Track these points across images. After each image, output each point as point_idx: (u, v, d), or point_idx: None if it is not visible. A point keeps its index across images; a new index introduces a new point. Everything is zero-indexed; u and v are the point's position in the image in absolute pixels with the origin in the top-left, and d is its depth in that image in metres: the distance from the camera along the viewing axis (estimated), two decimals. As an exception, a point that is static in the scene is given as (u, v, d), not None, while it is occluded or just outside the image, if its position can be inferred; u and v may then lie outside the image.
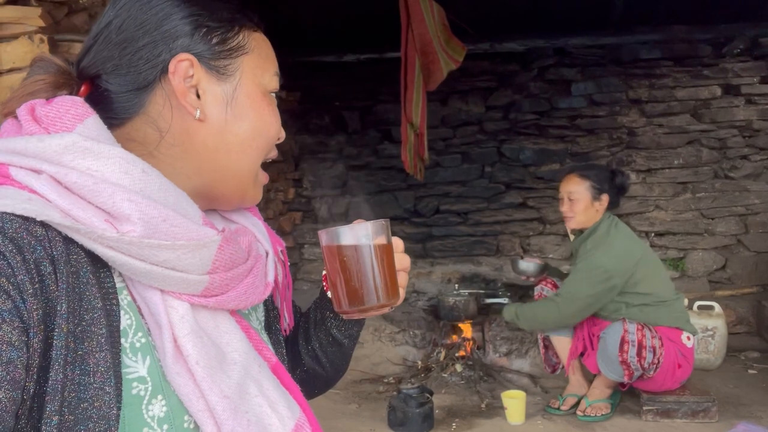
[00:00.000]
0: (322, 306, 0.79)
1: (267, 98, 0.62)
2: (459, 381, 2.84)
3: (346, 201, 3.92)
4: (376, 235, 0.66)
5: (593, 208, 2.41)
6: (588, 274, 2.37)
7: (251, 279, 0.60)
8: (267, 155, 0.64)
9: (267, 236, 0.70)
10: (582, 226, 2.45)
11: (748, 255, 3.67)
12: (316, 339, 0.80)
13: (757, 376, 2.80)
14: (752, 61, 3.60)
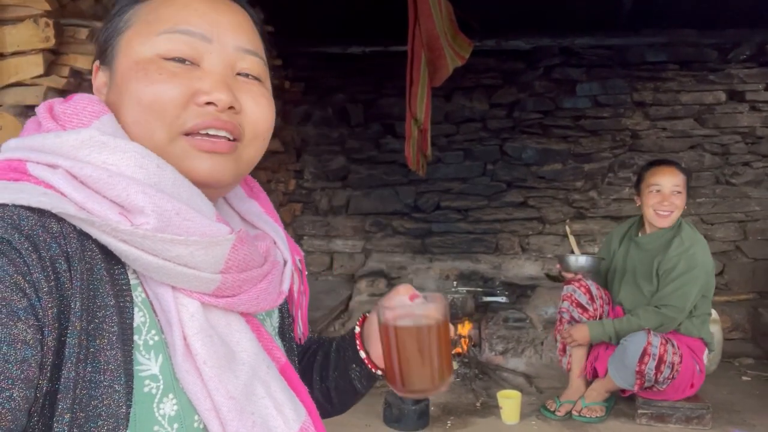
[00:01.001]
0: (348, 357, 0.78)
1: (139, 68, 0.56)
2: (455, 379, 2.84)
3: (346, 194, 3.92)
4: (437, 317, 0.65)
5: (683, 204, 2.36)
6: (694, 275, 2.28)
7: (265, 284, 0.60)
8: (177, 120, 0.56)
9: (287, 244, 0.69)
10: (673, 223, 2.37)
11: (746, 261, 3.68)
12: (333, 381, 0.79)
13: (751, 382, 2.82)
14: (758, 68, 3.60)
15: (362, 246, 3.91)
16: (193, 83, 0.57)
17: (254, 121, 0.61)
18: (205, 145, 0.57)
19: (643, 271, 2.38)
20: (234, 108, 0.58)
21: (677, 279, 2.27)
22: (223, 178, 0.59)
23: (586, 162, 3.70)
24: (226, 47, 0.59)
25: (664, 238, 2.37)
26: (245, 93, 0.61)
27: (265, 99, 0.63)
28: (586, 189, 3.69)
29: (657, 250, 2.37)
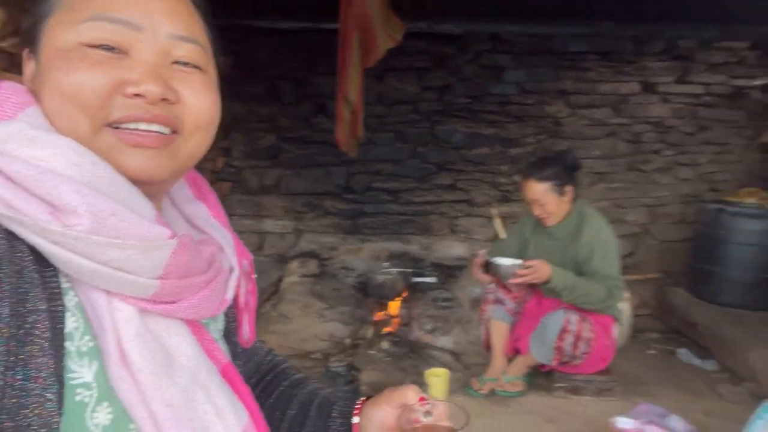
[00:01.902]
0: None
1: (61, 56, 0.52)
2: (385, 357, 2.90)
3: (277, 173, 3.84)
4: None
5: (563, 201, 2.47)
6: (608, 250, 2.42)
7: (207, 292, 0.57)
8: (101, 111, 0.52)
9: (234, 250, 0.67)
10: (558, 219, 2.50)
11: (654, 243, 3.97)
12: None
13: (656, 356, 3.08)
14: (669, 62, 3.84)
15: (293, 226, 3.86)
16: (120, 73, 0.53)
17: (194, 112, 0.58)
18: (133, 138, 0.53)
19: (556, 260, 2.50)
20: (168, 99, 0.55)
21: (603, 259, 2.40)
22: (156, 174, 0.56)
23: (512, 147, 3.83)
24: (159, 35, 0.55)
25: (573, 227, 2.50)
26: (183, 82, 0.57)
27: (206, 88, 0.59)
28: (511, 173, 3.83)
29: (568, 239, 2.51)
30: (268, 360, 0.89)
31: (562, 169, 2.45)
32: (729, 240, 3.24)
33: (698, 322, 3.18)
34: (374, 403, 0.78)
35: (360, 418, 0.78)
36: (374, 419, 0.76)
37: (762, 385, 2.54)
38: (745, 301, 3.20)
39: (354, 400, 0.80)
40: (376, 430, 0.76)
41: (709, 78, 3.84)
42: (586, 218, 2.48)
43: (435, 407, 0.72)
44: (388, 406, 0.75)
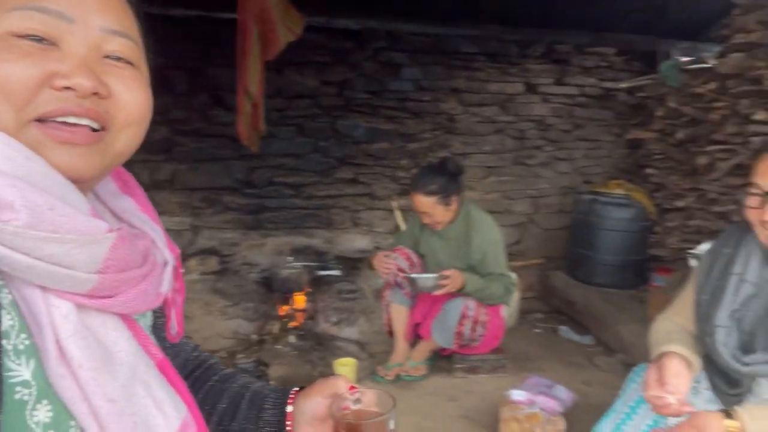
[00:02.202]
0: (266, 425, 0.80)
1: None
2: (292, 351, 2.91)
3: (171, 168, 3.67)
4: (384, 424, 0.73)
5: (449, 210, 2.59)
6: (499, 250, 2.60)
7: (144, 286, 0.58)
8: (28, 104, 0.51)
9: (166, 244, 0.67)
10: (447, 224, 2.62)
11: (537, 231, 4.33)
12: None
13: (541, 334, 3.37)
14: (549, 64, 4.18)
15: (190, 223, 3.72)
16: (49, 64, 0.52)
17: (125, 108, 0.58)
18: (62, 135, 0.52)
19: (446, 259, 2.67)
20: (99, 94, 0.55)
21: (496, 260, 2.60)
22: (86, 172, 0.55)
23: (410, 142, 3.97)
24: (91, 28, 0.55)
25: (461, 229, 2.65)
26: (115, 77, 0.57)
27: (138, 83, 0.59)
28: (410, 167, 3.97)
29: (457, 240, 2.66)
30: (195, 356, 0.89)
31: (446, 180, 2.54)
32: (601, 227, 3.62)
33: (576, 301, 3.53)
34: (306, 394, 0.81)
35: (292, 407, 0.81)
36: (306, 410, 0.79)
37: (631, 355, 2.88)
38: (616, 281, 3.60)
39: (286, 392, 0.83)
40: (307, 420, 0.79)
41: (583, 80, 4.24)
42: (473, 221, 2.64)
43: (364, 395, 0.77)
44: (319, 397, 0.79)
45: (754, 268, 1.28)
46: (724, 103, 3.02)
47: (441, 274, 2.52)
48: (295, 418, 0.80)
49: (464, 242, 2.64)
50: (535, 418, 1.97)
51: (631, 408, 1.42)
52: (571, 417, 2.13)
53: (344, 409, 0.76)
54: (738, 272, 1.29)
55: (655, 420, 1.38)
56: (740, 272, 1.29)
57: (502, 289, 2.60)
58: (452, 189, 2.56)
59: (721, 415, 1.08)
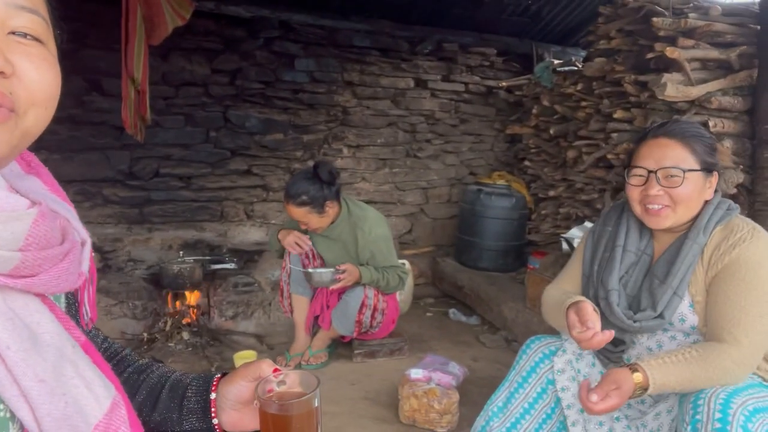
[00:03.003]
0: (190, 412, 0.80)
1: None
2: (186, 348, 2.81)
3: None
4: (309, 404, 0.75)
5: (327, 214, 2.54)
6: (388, 244, 2.65)
7: (66, 264, 0.57)
8: None
9: (80, 223, 0.65)
10: (325, 226, 2.60)
11: (428, 221, 4.53)
12: (155, 422, 0.81)
13: (433, 317, 3.55)
14: (437, 61, 4.38)
15: (65, 218, 3.43)
16: None
17: (31, 87, 0.56)
18: None
19: (335, 256, 2.70)
20: (4, 72, 0.53)
21: (385, 255, 2.66)
22: None
23: (304, 133, 3.97)
24: None
25: (345, 227, 2.65)
26: (21, 55, 0.55)
27: (46, 62, 0.57)
28: (305, 158, 3.97)
29: (343, 239, 2.67)
30: (105, 347, 0.87)
31: (318, 188, 2.48)
32: (485, 215, 3.88)
33: (464, 285, 3.76)
34: (228, 379, 0.82)
35: (215, 394, 0.82)
36: (229, 395, 0.80)
37: (512, 332, 3.14)
38: (498, 266, 3.88)
39: (209, 379, 0.83)
40: (232, 405, 0.81)
41: (468, 78, 4.49)
42: (357, 220, 2.63)
43: (288, 376, 0.79)
44: (243, 381, 0.80)
45: (633, 240, 1.52)
46: (589, 103, 3.37)
47: (337, 268, 2.56)
48: (218, 404, 0.81)
49: (351, 242, 2.66)
50: (432, 393, 2.10)
51: (523, 378, 1.58)
52: (463, 390, 2.30)
53: (269, 392, 0.78)
54: (620, 244, 1.52)
55: (543, 387, 1.55)
56: (622, 244, 1.52)
57: (397, 279, 2.69)
58: (326, 196, 2.50)
59: (628, 370, 1.25)
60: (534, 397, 1.57)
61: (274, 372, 0.80)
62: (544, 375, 1.56)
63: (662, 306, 1.39)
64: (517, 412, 1.57)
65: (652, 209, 1.41)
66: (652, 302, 1.41)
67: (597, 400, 1.23)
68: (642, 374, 1.24)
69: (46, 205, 0.55)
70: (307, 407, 0.75)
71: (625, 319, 1.44)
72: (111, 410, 0.60)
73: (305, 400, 0.75)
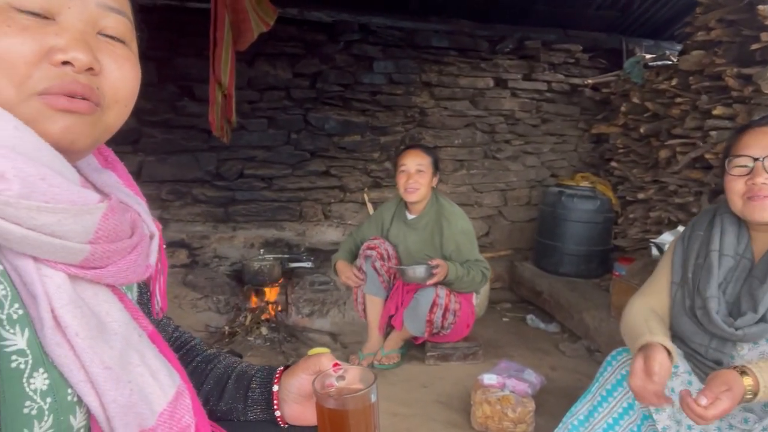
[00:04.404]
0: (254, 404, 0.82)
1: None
2: (264, 344, 2.91)
3: (138, 159, 3.61)
4: (365, 399, 0.74)
5: (431, 183, 2.64)
6: (472, 238, 2.64)
7: (134, 257, 0.59)
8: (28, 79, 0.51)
9: (150, 217, 0.68)
10: (421, 198, 2.64)
11: (506, 223, 4.41)
12: (221, 412, 0.83)
13: (509, 323, 3.45)
14: (518, 60, 4.26)
15: (158, 215, 3.66)
16: (47, 39, 0.52)
17: (115, 85, 0.59)
18: (61, 102, 0.53)
19: (418, 247, 2.70)
20: (93, 69, 0.56)
21: (470, 248, 2.63)
22: (78, 140, 0.56)
23: (382, 135, 3.99)
24: (88, 3, 0.56)
25: (431, 218, 2.67)
26: (107, 54, 0.58)
27: (129, 62, 0.60)
28: (381, 160, 4.00)
29: (429, 229, 2.68)
30: (176, 336, 0.90)
31: (436, 159, 2.70)
32: (567, 219, 3.72)
33: (543, 290, 3.62)
34: (291, 372, 0.82)
35: (278, 386, 0.83)
36: (291, 388, 0.81)
37: (595, 341, 2.98)
38: (580, 271, 3.70)
39: (272, 371, 0.85)
40: (294, 398, 0.81)
41: (551, 76, 4.33)
42: (444, 211, 2.66)
43: (347, 372, 0.79)
44: (304, 374, 0.80)
45: (729, 244, 1.39)
46: (685, 99, 3.14)
47: (430, 263, 2.54)
48: (281, 396, 0.82)
49: (436, 232, 2.67)
50: (506, 400, 2.03)
51: (607, 391, 1.48)
52: (539, 399, 2.20)
53: (329, 386, 0.78)
54: (716, 249, 1.40)
55: (629, 404, 1.45)
56: (718, 249, 1.40)
57: (480, 275, 2.62)
58: (438, 169, 2.69)
59: (736, 372, 1.15)
60: (619, 413, 1.46)
61: (334, 367, 0.79)
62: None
63: (764, 308, 1.27)
64: (599, 427, 1.48)
65: (759, 197, 1.28)
66: (753, 304, 1.29)
67: (707, 404, 1.11)
68: (752, 377, 1.12)
69: (115, 200, 0.57)
70: (363, 403, 0.74)
71: (726, 327, 1.31)
72: (175, 399, 0.61)
73: (361, 395, 0.74)
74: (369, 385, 0.76)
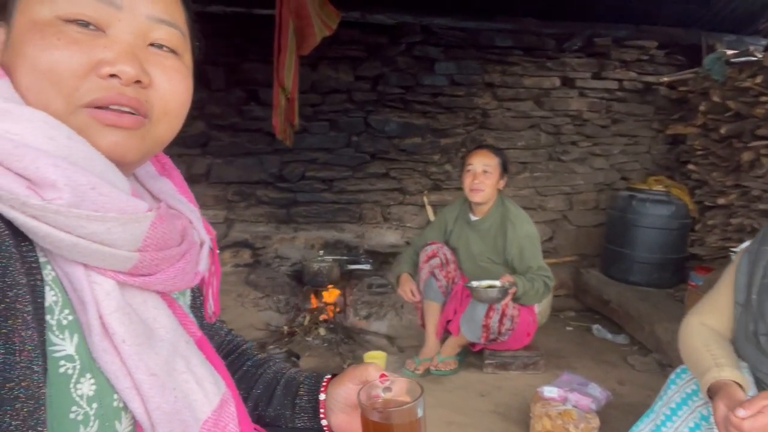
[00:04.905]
0: (301, 410, 0.81)
1: (36, 30, 0.52)
2: (322, 344, 2.94)
3: (207, 161, 3.74)
4: (412, 414, 0.71)
5: (498, 185, 2.60)
6: (536, 244, 2.58)
7: (182, 264, 0.59)
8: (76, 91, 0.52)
9: (202, 224, 0.68)
10: (486, 200, 2.60)
11: (571, 228, 4.25)
12: (269, 418, 0.82)
13: (573, 332, 3.31)
14: (586, 58, 4.09)
15: (224, 216, 3.79)
16: (96, 52, 0.53)
17: (164, 97, 0.58)
18: (109, 117, 0.54)
19: (480, 250, 2.65)
20: (141, 82, 0.56)
21: (533, 254, 2.56)
22: (126, 154, 0.56)
23: (442, 137, 3.94)
24: (138, 15, 0.56)
25: (495, 221, 2.62)
26: (157, 66, 0.58)
27: (180, 74, 0.60)
28: (442, 162, 3.95)
29: (492, 232, 2.62)
30: (229, 340, 0.91)
31: (504, 161, 2.65)
32: (638, 224, 3.53)
33: (610, 299, 3.45)
34: (338, 381, 0.81)
35: (325, 395, 0.81)
36: (338, 397, 0.79)
37: (667, 355, 2.81)
38: (652, 280, 3.50)
39: (320, 378, 0.84)
40: (341, 408, 0.79)
41: (622, 74, 4.13)
42: (509, 213, 2.61)
43: (394, 383, 0.76)
44: (350, 383, 0.78)
45: None
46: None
47: (504, 282, 2.45)
48: (328, 405, 0.80)
49: (499, 234, 2.61)
50: (568, 414, 1.94)
51: (671, 410, 1.38)
52: (604, 415, 2.09)
53: (375, 397, 0.76)
54: None
55: (696, 423, 1.34)
56: None
57: (543, 285, 2.54)
58: (506, 171, 2.65)
59: None
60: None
61: (381, 377, 0.77)
62: (698, 409, 1.34)
63: None
64: (664, 448, 1.38)
65: None
66: None
67: (745, 415, 1.02)
68: None
69: (164, 209, 0.58)
70: (409, 417, 0.71)
71: None
72: (220, 407, 0.61)
73: (407, 408, 0.71)
74: (416, 398, 0.73)
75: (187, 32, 0.63)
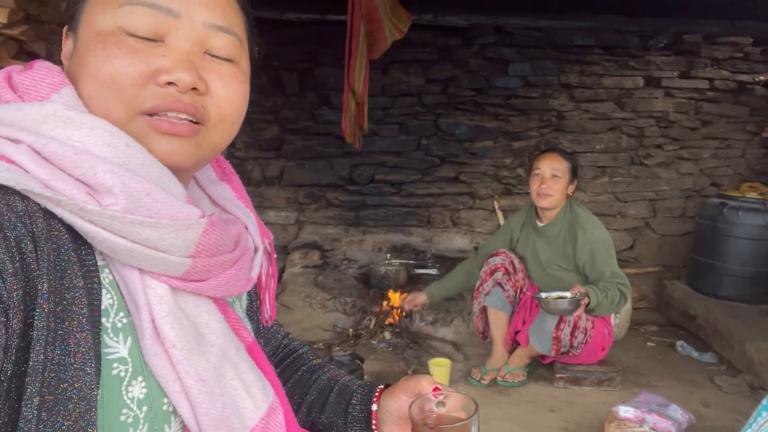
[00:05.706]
0: (354, 421, 0.80)
1: (98, 40, 0.53)
2: (387, 348, 2.92)
3: (280, 164, 3.85)
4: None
5: (567, 190, 2.51)
6: (609, 249, 2.46)
7: (235, 270, 0.59)
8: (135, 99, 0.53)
9: (258, 229, 0.68)
10: (554, 205, 2.52)
11: (654, 237, 4.00)
12: (322, 425, 0.82)
13: (655, 348, 3.10)
14: (674, 56, 3.85)
15: (295, 218, 3.88)
16: (154, 61, 0.54)
17: (220, 104, 0.59)
18: (164, 125, 0.54)
19: (548, 257, 2.55)
20: (198, 89, 0.56)
21: (606, 259, 2.42)
22: (182, 162, 0.57)
23: (515, 140, 3.84)
24: (195, 23, 0.56)
25: (563, 226, 2.51)
26: (213, 73, 0.58)
27: (236, 81, 0.60)
28: (514, 166, 3.84)
29: (561, 237, 2.51)
30: (285, 344, 0.91)
31: (575, 166, 2.55)
32: (730, 234, 3.26)
33: (697, 315, 3.21)
34: (390, 392, 0.78)
35: (377, 406, 0.80)
36: (390, 409, 0.77)
37: (759, 377, 2.57)
38: (744, 295, 3.23)
39: (373, 388, 0.82)
40: (392, 419, 0.77)
41: (713, 73, 3.85)
42: (578, 218, 2.50)
43: (448, 398, 0.72)
44: (403, 395, 0.76)
45: None
46: None
47: (575, 293, 2.32)
48: (380, 416, 0.78)
49: (569, 240, 2.50)
50: (643, 439, 1.82)
51: (761, 438, 1.26)
52: (686, 442, 1.94)
53: (428, 412, 0.73)
54: None
55: (789, 456, 1.21)
56: None
57: (618, 294, 2.37)
58: (576, 177, 2.55)
59: None
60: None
61: (434, 391, 0.74)
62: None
63: None
64: (754, 482, 1.25)
65: None
66: None
67: None
68: None
69: (217, 215, 0.58)
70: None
71: None
72: (268, 414, 0.61)
73: (461, 426, 0.67)
74: (471, 415, 0.69)
75: (244, 38, 0.63)
